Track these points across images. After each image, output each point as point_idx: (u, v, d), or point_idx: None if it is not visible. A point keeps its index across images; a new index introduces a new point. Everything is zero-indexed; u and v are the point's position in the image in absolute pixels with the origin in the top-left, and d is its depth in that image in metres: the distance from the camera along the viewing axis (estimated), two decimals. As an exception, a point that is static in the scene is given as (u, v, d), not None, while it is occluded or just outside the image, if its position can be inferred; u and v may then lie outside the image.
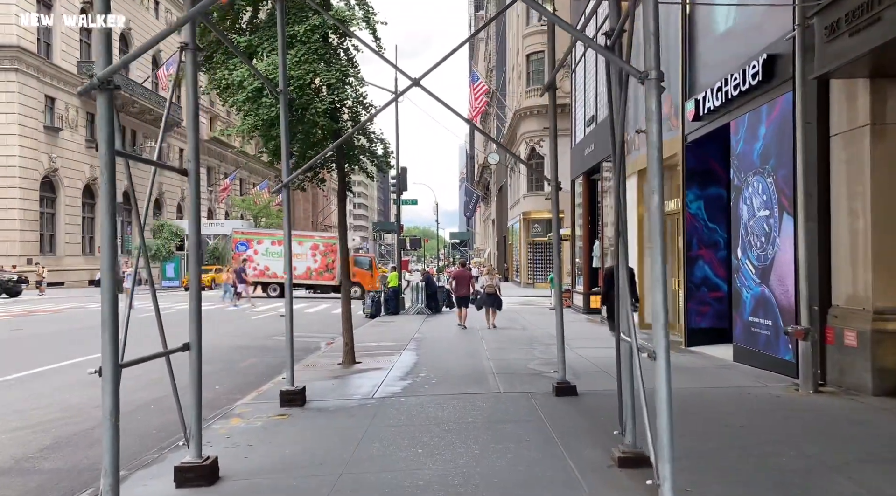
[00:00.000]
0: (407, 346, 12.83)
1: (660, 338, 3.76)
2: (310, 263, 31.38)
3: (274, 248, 31.75)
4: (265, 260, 31.91)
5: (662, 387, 3.75)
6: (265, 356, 12.48)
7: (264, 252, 31.60)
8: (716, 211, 11.78)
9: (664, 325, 3.78)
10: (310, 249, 31.86)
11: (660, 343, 3.77)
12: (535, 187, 40.27)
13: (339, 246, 10.85)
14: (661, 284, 3.79)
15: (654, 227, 3.80)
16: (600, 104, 19.05)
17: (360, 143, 11.06)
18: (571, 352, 11.47)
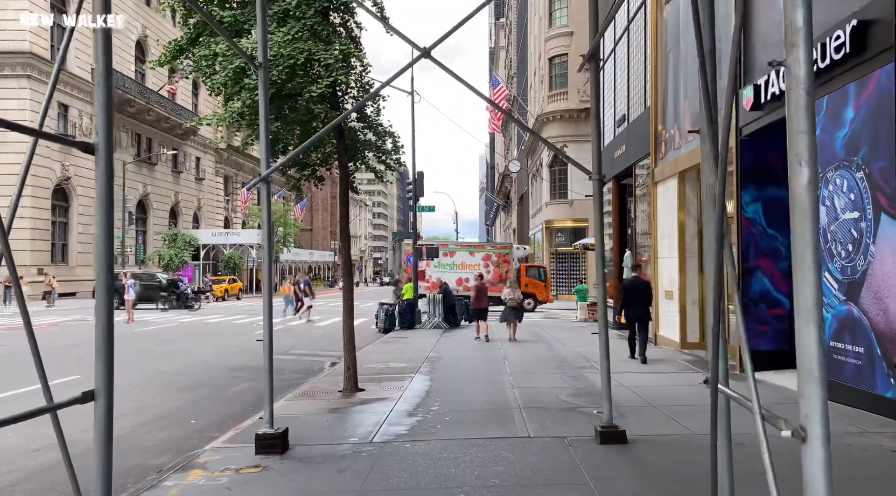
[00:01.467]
0: (419, 369, 11.36)
1: (814, 404, 2.25)
2: (461, 275, 29.78)
3: (446, 260, 30.24)
4: (437, 272, 30.04)
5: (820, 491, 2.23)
6: (260, 379, 11.08)
7: (436, 264, 29.97)
8: (776, 215, 10.19)
9: (821, 380, 2.26)
10: (482, 260, 30.28)
11: (814, 410, 2.25)
12: (559, 195, 38.69)
13: (342, 252, 9.45)
14: (812, 310, 2.28)
15: (803, 206, 2.30)
16: (632, 102, 17.52)
17: (367, 138, 9.67)
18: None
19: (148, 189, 48.18)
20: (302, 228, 71.46)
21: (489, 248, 32.28)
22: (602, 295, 6.45)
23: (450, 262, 29.93)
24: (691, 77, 12.63)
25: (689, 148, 12.76)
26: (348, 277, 9.41)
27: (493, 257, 30.37)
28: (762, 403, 2.85)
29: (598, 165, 6.49)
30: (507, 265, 29.98)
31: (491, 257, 30.38)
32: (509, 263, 30.17)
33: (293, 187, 9.69)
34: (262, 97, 6.26)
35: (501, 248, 31.79)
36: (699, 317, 13.28)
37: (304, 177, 9.49)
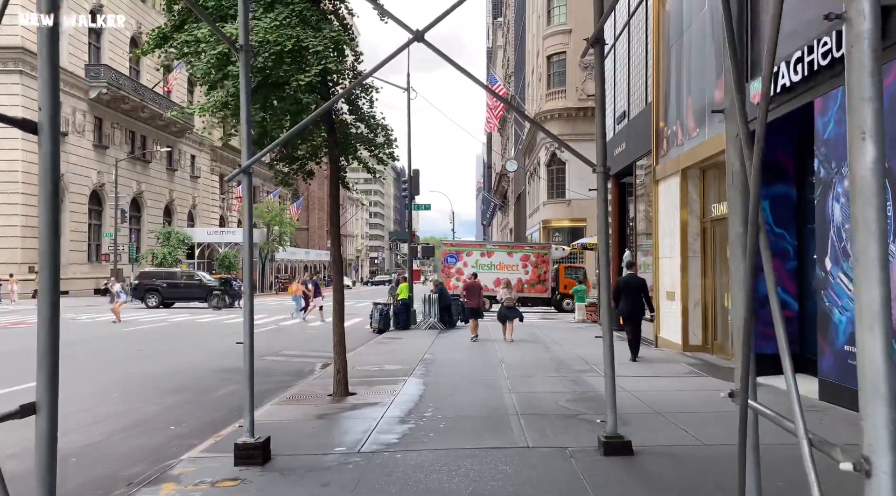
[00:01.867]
0: (413, 371, 10.95)
1: (881, 430, 1.85)
2: (521, 275, 29.08)
3: (484, 261, 29.66)
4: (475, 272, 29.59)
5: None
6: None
7: (474, 264, 29.17)
8: (783, 213, 9.82)
9: (890, 399, 1.87)
10: (520, 260, 29.66)
11: (881, 438, 1.86)
12: (556, 194, 38.33)
13: (331, 251, 9.04)
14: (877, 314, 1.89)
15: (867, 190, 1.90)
16: (633, 99, 17.15)
17: (359, 131, 9.26)
18: (610, 382, 9.54)
19: (142, 187, 47.69)
20: (298, 227, 70.99)
21: (527, 248, 31.69)
22: (605, 296, 6.05)
23: (487, 263, 29.42)
24: (695, 71, 12.25)
25: (692, 144, 12.38)
26: (338, 276, 9.00)
27: (531, 258, 29.82)
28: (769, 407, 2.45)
29: (604, 157, 6.09)
30: (545, 266, 29.49)
31: (529, 258, 29.84)
32: (547, 264, 29.63)
33: (282, 182, 9.28)
34: (244, 82, 5.85)
35: (540, 248, 31.22)
36: (702, 319, 12.90)
37: (292, 171, 9.08)
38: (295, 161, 8.91)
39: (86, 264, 42.29)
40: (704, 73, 11.74)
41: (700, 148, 11.94)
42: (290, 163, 8.92)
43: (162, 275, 33.22)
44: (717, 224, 12.35)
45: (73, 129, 40.47)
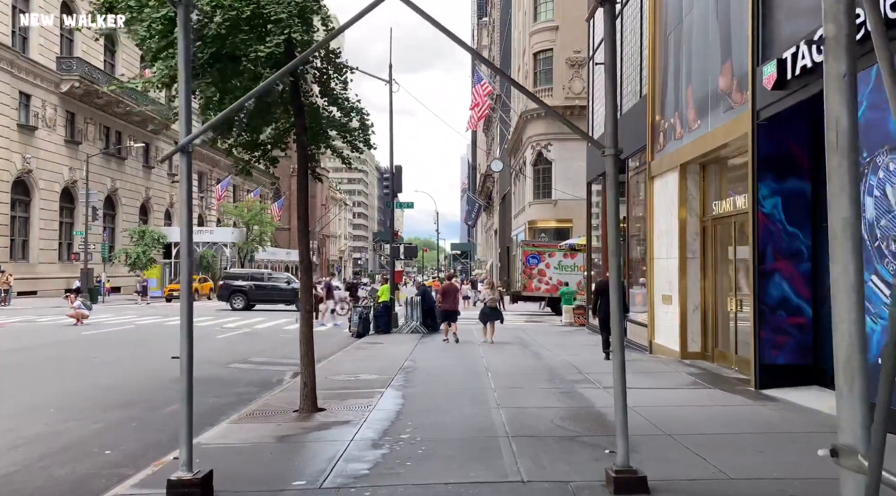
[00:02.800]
0: (392, 381, 9.99)
1: None
2: (580, 278, 28.06)
3: (567, 261, 28.60)
4: (558, 274, 28.42)
5: None
6: (210, 393, 9.64)
7: (556, 265, 28.30)
8: (797, 210, 8.99)
9: None
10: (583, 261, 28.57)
11: None
12: (543, 195, 37.53)
13: (300, 250, 8.06)
14: None
15: None
16: (626, 93, 16.33)
17: (329, 115, 8.28)
18: (602, 392, 8.64)
19: (117, 184, 46.20)
20: (278, 227, 69.60)
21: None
22: (616, 304, 5.13)
23: (570, 264, 28.40)
24: (697, 58, 11.43)
25: (692, 137, 11.55)
26: (306, 275, 8.01)
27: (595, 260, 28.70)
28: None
29: (615, 136, 5.18)
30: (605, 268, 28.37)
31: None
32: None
33: (241, 170, 8.27)
34: (182, 42, 4.86)
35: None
36: (701, 324, 12.06)
37: (254, 159, 8.07)
38: (256, 147, 7.91)
39: (56, 264, 40.76)
40: (707, 59, 10.92)
41: (702, 141, 11.10)
42: (250, 149, 7.92)
43: (247, 277, 31.99)
44: (719, 222, 11.53)
45: (44, 124, 38.97)
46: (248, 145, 7.87)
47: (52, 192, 40.01)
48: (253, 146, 7.89)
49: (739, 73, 9.64)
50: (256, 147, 7.91)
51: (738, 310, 10.56)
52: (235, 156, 8.34)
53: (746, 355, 10.20)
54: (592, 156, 19.91)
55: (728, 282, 11.18)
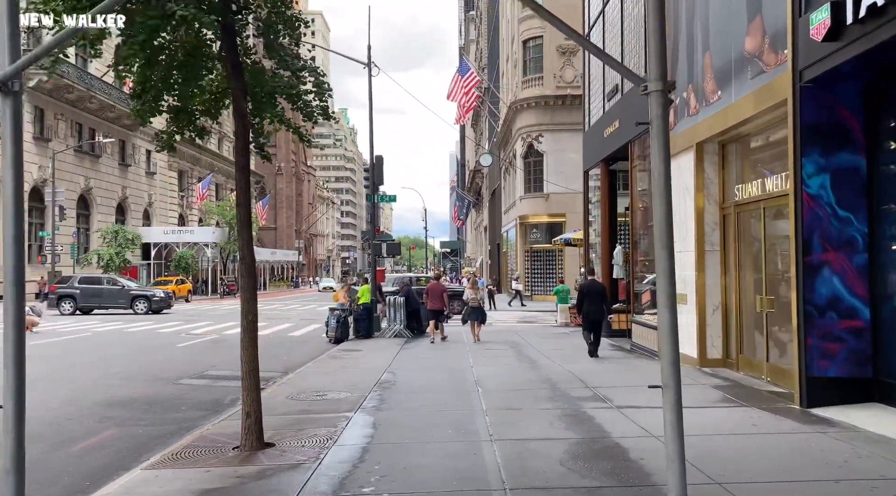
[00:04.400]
0: (363, 402, 8.37)
1: None
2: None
3: None
4: None
5: None
6: (143, 420, 7.99)
7: None
8: (850, 190, 7.45)
9: None
10: None
11: None
12: (534, 188, 35.97)
13: (240, 245, 6.41)
14: None
15: None
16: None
17: (279, 79, 6.64)
18: (616, 414, 7.05)
19: (91, 183, 44.22)
20: (262, 227, 67.71)
21: None
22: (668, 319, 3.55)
23: None
24: (716, 20, 9.86)
25: (711, 112, 9.99)
26: (250, 279, 6.37)
27: None
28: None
29: (662, 64, 3.64)
30: None
31: None
32: None
33: (165, 145, 6.60)
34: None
35: None
36: (723, 326, 10.52)
37: (178, 129, 6.40)
38: (182, 114, 6.25)
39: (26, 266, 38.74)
40: (730, 18, 9.35)
41: (723, 115, 9.54)
42: (175, 117, 6.25)
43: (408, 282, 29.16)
44: (743, 210, 9.98)
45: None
46: (173, 112, 6.22)
47: (19, 192, 38.01)
48: (178, 113, 6.23)
49: (773, 29, 8.07)
50: (182, 114, 6.25)
51: (768, 311, 9.01)
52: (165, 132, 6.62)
53: (782, 364, 8.67)
54: (590, 142, 18.35)
55: (756, 279, 9.64)
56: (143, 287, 31.04)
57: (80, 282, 28.39)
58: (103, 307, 27.91)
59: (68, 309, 27.26)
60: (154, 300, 27.78)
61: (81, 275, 30.29)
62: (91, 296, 27.74)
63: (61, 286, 28.33)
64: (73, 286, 27.93)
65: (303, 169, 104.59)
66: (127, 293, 27.95)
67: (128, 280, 31.24)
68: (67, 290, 27.73)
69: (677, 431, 3.40)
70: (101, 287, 28.15)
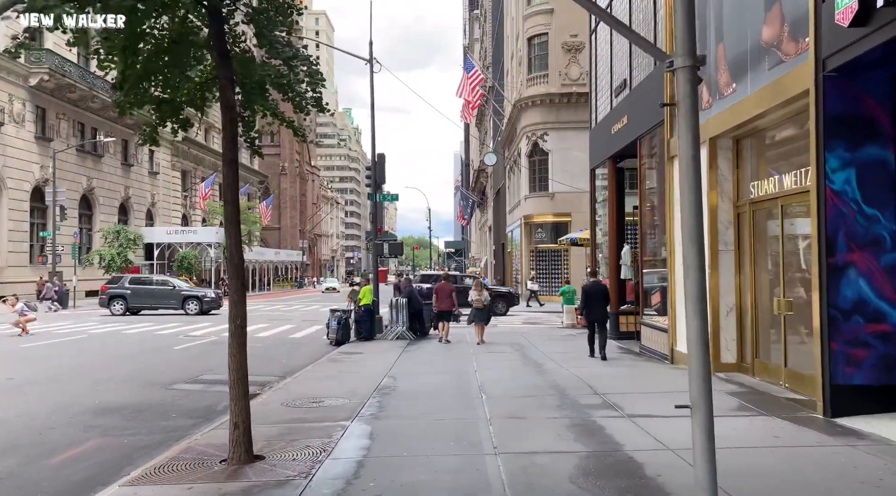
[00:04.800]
0: (361, 409, 7.97)
1: None
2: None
3: None
4: None
5: None
6: (130, 429, 7.61)
7: None
8: (877, 186, 7.02)
9: None
10: None
11: None
12: (539, 187, 35.52)
13: (227, 244, 6.03)
14: None
15: None
16: (636, 63, 14.31)
17: (269, 68, 6.24)
18: (628, 424, 6.63)
19: (93, 183, 43.99)
20: (265, 227, 67.44)
21: None
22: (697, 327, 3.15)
23: None
24: (731, 8, 9.43)
25: (725, 105, 9.57)
26: (237, 281, 5.97)
27: None
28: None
29: (690, 37, 3.22)
30: None
31: None
32: None
33: (148, 138, 6.21)
34: None
35: None
36: (737, 329, 10.09)
37: (161, 120, 6.00)
38: (166, 104, 5.85)
39: (27, 267, 38.55)
40: (746, 7, 8.92)
41: (738, 108, 9.12)
42: (157, 107, 5.86)
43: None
44: (759, 207, 9.55)
45: (11, 119, 36.75)
46: (155, 102, 5.82)
47: (21, 192, 37.83)
48: (161, 103, 5.84)
49: (793, 16, 7.64)
50: (165, 104, 5.86)
51: (787, 314, 8.58)
52: (142, 119, 6.25)
53: (802, 370, 8.24)
54: (597, 139, 17.92)
55: (772, 280, 9.21)
56: (193, 288, 30.86)
57: (131, 282, 28.17)
58: (154, 308, 27.53)
59: (119, 309, 26.99)
60: (205, 301, 27.44)
61: (132, 276, 30.11)
62: (142, 297, 27.44)
63: (112, 286, 28.08)
64: (123, 286, 27.66)
65: (307, 169, 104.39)
66: (178, 294, 27.66)
67: (179, 280, 31.33)
68: (118, 291, 27.44)
69: (708, 456, 2.99)
70: (152, 288, 27.86)
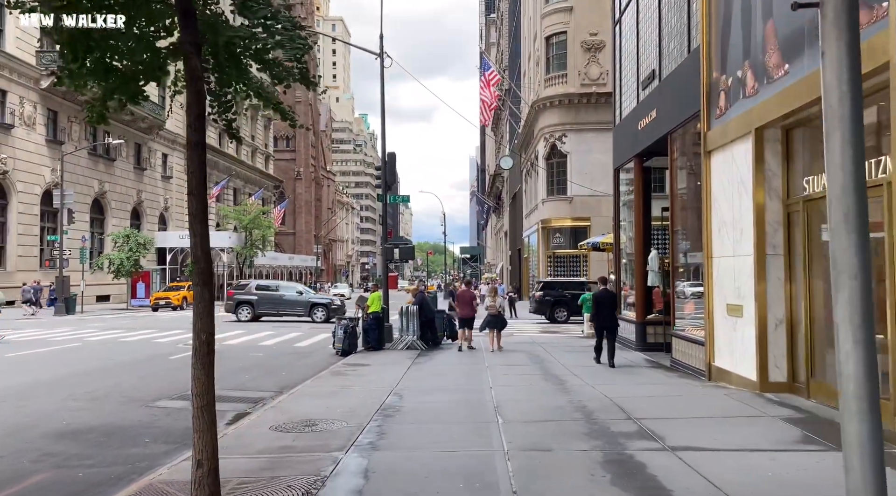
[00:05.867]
0: (360, 436, 6.92)
1: None
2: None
3: None
4: None
5: None
6: (92, 457, 6.61)
7: None
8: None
9: None
10: None
11: None
12: (557, 191, 34.39)
13: (191, 243, 5.00)
14: None
15: None
16: (666, 52, 13.20)
17: (240, 29, 5.21)
18: (673, 460, 5.46)
19: (105, 186, 43.50)
20: (279, 231, 66.77)
21: None
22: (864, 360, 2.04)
23: None
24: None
25: (774, 90, 8.42)
26: (204, 288, 4.94)
27: None
28: None
29: None
30: None
31: None
32: None
33: (95, 114, 5.22)
34: None
35: None
36: (788, 344, 8.91)
37: (108, 93, 4.98)
38: (112, 76, 4.85)
39: (36, 271, 38.02)
40: (803, -25, 7.78)
41: (793, 91, 7.97)
42: (104, 77, 4.85)
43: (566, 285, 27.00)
44: (815, 206, 8.38)
45: (22, 122, 36.30)
46: (99, 72, 4.81)
47: (31, 195, 37.36)
48: (108, 73, 4.83)
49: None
50: (112, 75, 4.84)
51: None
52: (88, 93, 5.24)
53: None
54: (620, 136, 16.79)
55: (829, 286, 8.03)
56: (319, 295, 30.52)
57: (258, 288, 27.85)
58: (280, 314, 26.95)
59: (246, 315, 26.48)
60: (332, 308, 26.86)
61: (258, 282, 29.87)
62: (270, 304, 26.93)
63: (239, 292, 27.76)
64: (250, 292, 27.32)
65: (322, 174, 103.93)
66: (306, 301, 27.16)
67: (305, 287, 31.29)
68: (246, 297, 27.04)
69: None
70: (279, 294, 27.36)
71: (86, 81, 4.85)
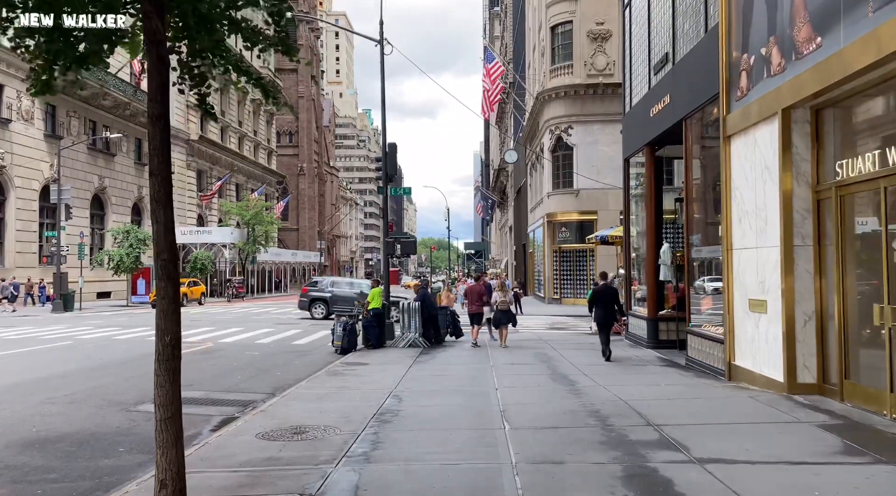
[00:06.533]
0: (353, 444, 6.29)
1: None
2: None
3: None
4: None
5: None
6: (52, 473, 6.00)
7: None
8: None
9: None
10: None
11: None
12: (563, 184, 33.64)
13: (153, 234, 4.38)
14: None
15: None
16: (680, 33, 12.50)
17: None
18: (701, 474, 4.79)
19: (105, 182, 42.99)
20: (282, 227, 66.20)
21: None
22: None
23: None
24: (814, -56, 7.60)
25: (802, 67, 7.73)
26: (169, 283, 4.32)
27: None
28: None
29: None
30: None
31: None
32: None
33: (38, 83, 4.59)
34: None
35: None
36: (818, 342, 8.24)
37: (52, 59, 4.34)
38: (58, 35, 4.21)
39: (35, 268, 37.57)
40: (838, -63, 7.09)
41: (823, 68, 7.28)
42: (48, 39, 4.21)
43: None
44: (849, 192, 7.70)
45: (19, 116, 35.76)
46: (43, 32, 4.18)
47: (30, 191, 36.84)
48: (52, 34, 4.19)
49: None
50: (58, 35, 4.20)
51: (893, 325, 6.74)
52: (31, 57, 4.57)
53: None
54: (630, 125, 16.09)
55: (870, 282, 7.36)
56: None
57: (332, 285, 27.79)
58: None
59: (320, 313, 26.15)
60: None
61: (332, 279, 29.92)
62: (344, 302, 26.09)
63: (312, 289, 27.50)
64: (325, 290, 27.14)
65: (325, 169, 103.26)
66: None
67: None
68: (319, 294, 26.83)
69: None
70: (352, 292, 26.91)
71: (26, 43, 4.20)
